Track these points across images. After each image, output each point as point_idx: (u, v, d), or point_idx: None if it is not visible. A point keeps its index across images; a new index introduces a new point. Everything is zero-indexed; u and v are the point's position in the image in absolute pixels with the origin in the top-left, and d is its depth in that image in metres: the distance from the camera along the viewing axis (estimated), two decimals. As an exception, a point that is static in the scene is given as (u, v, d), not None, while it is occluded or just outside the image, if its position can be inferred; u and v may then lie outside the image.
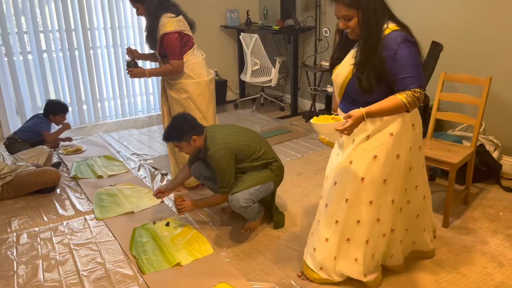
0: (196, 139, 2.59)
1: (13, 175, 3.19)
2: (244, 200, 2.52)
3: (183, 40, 3.09)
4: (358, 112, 1.80)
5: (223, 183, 2.59)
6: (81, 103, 5.01)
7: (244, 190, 2.54)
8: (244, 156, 2.62)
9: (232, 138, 2.61)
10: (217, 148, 2.55)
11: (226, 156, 2.54)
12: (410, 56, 1.84)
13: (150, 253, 2.52)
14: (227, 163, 2.55)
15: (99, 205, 3.11)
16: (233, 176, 2.61)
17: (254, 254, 2.51)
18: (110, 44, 5.04)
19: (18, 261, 2.50)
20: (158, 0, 3.01)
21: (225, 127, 2.75)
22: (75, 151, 4.15)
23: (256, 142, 2.69)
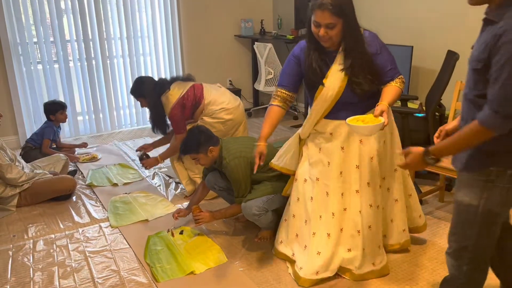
0: (213, 149, 2.60)
1: (30, 183, 3.24)
2: (256, 208, 2.51)
3: (189, 97, 3.24)
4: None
5: (239, 193, 2.59)
6: (97, 112, 5.08)
7: (257, 198, 2.54)
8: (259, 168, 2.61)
9: (247, 147, 2.61)
10: (232, 157, 2.56)
11: (242, 165, 2.55)
12: (387, 50, 2.11)
13: (164, 262, 2.52)
14: (243, 172, 2.55)
15: (114, 213, 3.13)
16: (249, 185, 2.61)
17: (267, 263, 2.50)
18: (126, 54, 5.11)
19: (34, 268, 2.53)
20: (155, 90, 3.25)
21: (240, 138, 2.78)
22: (90, 159, 4.20)
23: (271, 154, 2.68)
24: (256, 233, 2.79)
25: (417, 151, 1.59)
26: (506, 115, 1.36)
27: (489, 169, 1.50)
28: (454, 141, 1.50)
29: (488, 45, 1.39)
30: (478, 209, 1.54)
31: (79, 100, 4.98)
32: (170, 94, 3.24)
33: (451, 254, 1.69)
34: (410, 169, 1.70)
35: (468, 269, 1.65)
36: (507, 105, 1.35)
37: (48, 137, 4.05)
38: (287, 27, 5.55)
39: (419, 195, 3.14)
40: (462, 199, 1.59)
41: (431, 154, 1.55)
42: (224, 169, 2.60)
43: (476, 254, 1.62)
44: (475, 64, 1.47)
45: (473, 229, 1.58)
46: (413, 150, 1.60)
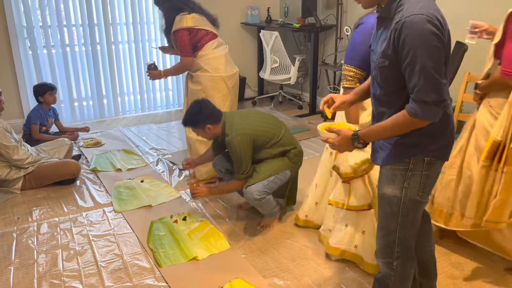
0: (211, 127, 2.59)
1: (35, 166, 3.25)
2: (257, 193, 2.53)
3: (196, 35, 3.19)
4: None
5: (239, 169, 2.58)
6: (101, 97, 5.08)
7: (258, 182, 2.55)
8: (263, 142, 2.61)
9: (250, 124, 2.61)
10: (235, 134, 2.55)
11: (244, 142, 2.54)
12: None
13: (167, 247, 2.54)
14: (245, 149, 2.54)
15: (118, 198, 3.15)
16: (250, 163, 2.60)
17: (270, 251, 2.51)
18: (132, 40, 5.09)
19: (38, 250, 2.55)
20: (172, 1, 3.19)
21: (244, 113, 2.76)
22: (94, 144, 4.21)
23: (276, 128, 2.67)
24: (258, 220, 2.79)
25: (346, 134, 1.61)
26: (435, 102, 1.40)
27: (409, 159, 1.56)
28: (383, 130, 1.54)
29: (391, 40, 1.44)
30: (401, 200, 1.60)
31: (83, 85, 4.97)
32: (185, 17, 3.17)
33: (381, 251, 1.71)
34: (338, 150, 1.71)
35: (399, 263, 1.67)
36: (433, 93, 1.39)
37: (35, 122, 3.94)
38: (293, 16, 5.51)
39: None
40: (385, 192, 1.64)
41: (359, 138, 1.58)
42: (227, 145, 2.60)
43: (404, 246, 1.66)
44: (382, 61, 1.50)
45: (397, 221, 1.63)
46: (342, 132, 1.62)
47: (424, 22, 1.37)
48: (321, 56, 5.23)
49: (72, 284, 2.24)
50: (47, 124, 4.13)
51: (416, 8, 1.40)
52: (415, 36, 1.37)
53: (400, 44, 1.41)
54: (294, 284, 2.22)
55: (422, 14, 1.38)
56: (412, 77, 1.41)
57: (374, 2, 1.54)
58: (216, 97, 3.22)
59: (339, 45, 5.03)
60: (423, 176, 1.57)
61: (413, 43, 1.37)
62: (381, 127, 1.54)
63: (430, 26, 1.37)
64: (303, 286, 2.20)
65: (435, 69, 1.39)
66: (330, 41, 5.18)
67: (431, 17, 1.38)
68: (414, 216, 1.64)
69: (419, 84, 1.39)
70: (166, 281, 2.25)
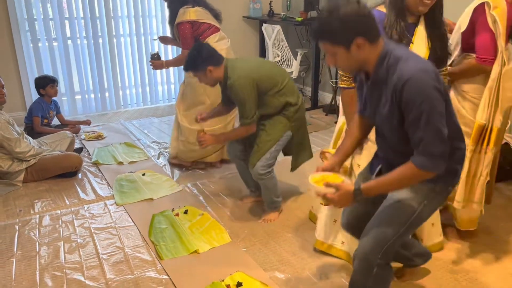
0: (212, 70, 2.51)
1: (37, 159, 3.26)
2: (261, 168, 2.55)
3: (199, 29, 3.21)
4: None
5: (243, 113, 2.52)
6: (103, 90, 5.08)
7: (261, 158, 2.56)
8: (266, 88, 2.55)
9: (253, 68, 2.55)
10: (237, 76, 2.48)
11: (247, 85, 2.48)
12: None
13: (169, 240, 2.55)
14: (249, 92, 2.48)
15: (119, 191, 3.15)
16: (255, 107, 2.53)
17: (271, 244, 2.52)
18: (133, 33, 5.08)
19: (40, 242, 2.56)
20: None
21: (247, 58, 2.71)
22: (96, 137, 4.22)
23: (279, 75, 2.62)
24: (260, 214, 2.80)
25: (348, 189, 1.56)
26: (441, 154, 1.46)
27: (434, 185, 1.62)
28: (388, 183, 1.55)
29: (394, 101, 1.48)
30: (415, 213, 1.62)
31: (85, 78, 4.97)
32: (188, 10, 3.19)
33: (365, 254, 1.64)
34: (335, 206, 1.67)
35: (377, 271, 1.64)
36: (440, 145, 1.45)
37: (36, 114, 3.94)
38: (296, 9, 5.48)
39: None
40: (403, 199, 1.63)
41: (362, 193, 1.56)
42: (230, 90, 2.52)
43: (389, 252, 1.65)
44: (390, 121, 1.54)
45: (399, 230, 1.62)
46: (343, 187, 1.57)
47: (425, 78, 1.43)
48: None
49: (74, 276, 2.26)
50: (49, 117, 4.13)
51: (410, 65, 1.44)
52: (419, 93, 1.42)
53: (404, 102, 1.45)
54: (295, 278, 2.23)
55: (420, 71, 1.43)
56: (418, 132, 1.45)
57: (356, 69, 1.58)
58: (214, 91, 3.22)
59: (341, 39, 5.01)
60: (443, 198, 1.69)
61: (417, 100, 1.42)
62: (387, 182, 1.55)
63: (430, 81, 1.43)
64: (304, 280, 2.21)
65: (440, 122, 1.45)
66: (332, 35, 5.16)
67: (429, 71, 1.45)
68: (413, 231, 1.70)
69: (425, 138, 1.44)
70: (167, 274, 2.26)
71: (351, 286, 1.73)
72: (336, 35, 1.47)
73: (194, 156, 3.49)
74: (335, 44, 1.48)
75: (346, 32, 1.45)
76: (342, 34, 1.45)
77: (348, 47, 1.47)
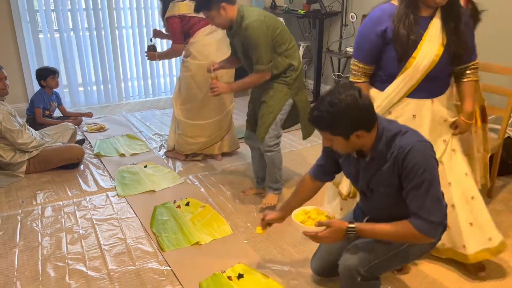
0: (226, 7, 2.43)
1: (39, 150, 3.27)
2: (269, 140, 2.60)
3: (189, 22, 3.22)
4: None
5: (259, 59, 2.47)
6: (106, 82, 5.07)
7: (268, 130, 2.60)
8: (277, 42, 2.52)
9: (269, 16, 2.53)
10: (254, 18, 2.43)
11: (264, 29, 2.43)
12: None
13: (170, 232, 2.56)
14: (264, 35, 2.43)
15: (121, 183, 3.16)
16: (270, 53, 2.49)
17: (272, 236, 2.52)
18: (136, 25, 5.06)
19: (42, 233, 2.57)
20: None
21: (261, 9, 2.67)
22: (98, 129, 4.22)
23: (289, 34, 2.62)
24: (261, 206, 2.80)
25: (340, 226, 1.60)
26: (440, 222, 1.54)
27: None
28: (382, 233, 1.60)
29: (394, 170, 1.56)
30: (404, 244, 1.68)
31: (87, 70, 4.96)
32: (178, 5, 3.19)
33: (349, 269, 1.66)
34: (325, 242, 1.71)
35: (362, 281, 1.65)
36: (440, 213, 1.53)
37: (38, 105, 3.93)
38: (299, 2, 5.44)
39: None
40: None
41: (355, 231, 1.60)
42: (244, 32, 2.44)
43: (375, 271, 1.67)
44: (388, 190, 1.62)
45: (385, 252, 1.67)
46: (334, 224, 1.61)
47: (426, 148, 1.53)
48: (326, 43, 5.19)
49: (76, 267, 2.27)
50: (50, 108, 4.13)
51: (409, 137, 1.54)
52: (421, 162, 1.49)
53: (406, 171, 1.52)
54: (296, 270, 2.23)
55: (419, 142, 1.53)
56: (418, 199, 1.52)
57: (351, 151, 1.63)
58: (206, 85, 3.23)
59: (344, 32, 4.99)
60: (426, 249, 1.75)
61: (420, 169, 1.49)
62: (382, 231, 1.59)
63: (429, 151, 1.53)
64: (305, 272, 2.21)
65: (439, 190, 1.54)
66: (335, 28, 5.14)
67: (427, 142, 1.56)
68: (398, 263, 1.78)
69: (426, 206, 1.50)
70: (169, 265, 2.27)
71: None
72: (336, 128, 1.51)
73: (192, 149, 3.50)
74: (335, 135, 1.54)
75: (346, 126, 1.50)
76: (342, 128, 1.51)
77: (347, 138, 1.53)
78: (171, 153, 3.62)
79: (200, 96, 3.32)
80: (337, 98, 1.46)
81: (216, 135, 3.46)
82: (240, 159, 3.60)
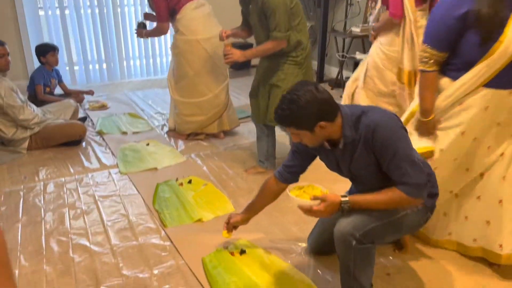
0: None
1: (41, 126, 3.26)
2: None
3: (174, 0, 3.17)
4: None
5: (276, 25, 2.43)
6: (108, 60, 5.04)
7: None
8: (292, 14, 2.52)
9: None
10: None
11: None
12: None
13: (172, 208, 2.56)
14: (283, 1, 2.43)
15: (123, 160, 3.16)
16: (288, 21, 2.47)
17: (274, 215, 2.52)
18: (138, 2, 5.00)
19: (45, 208, 2.58)
20: None
21: None
22: (100, 107, 4.20)
23: (301, 8, 2.62)
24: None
25: (335, 200, 1.65)
26: (424, 182, 1.61)
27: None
28: (375, 203, 1.65)
29: (368, 149, 1.63)
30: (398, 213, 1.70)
31: (89, 48, 4.92)
32: None
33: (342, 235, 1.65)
34: (320, 216, 1.73)
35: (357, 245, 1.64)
36: (421, 175, 1.60)
37: (39, 82, 3.89)
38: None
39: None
40: None
41: (349, 204, 1.65)
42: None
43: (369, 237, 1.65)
44: (369, 170, 1.69)
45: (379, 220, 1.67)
46: (329, 198, 1.65)
47: (391, 120, 1.61)
48: (331, 23, 5.12)
49: (79, 242, 2.28)
50: (51, 85, 4.10)
51: (372, 116, 1.61)
52: (389, 135, 1.58)
53: (378, 147, 1.60)
54: (297, 247, 2.24)
55: (382, 117, 1.61)
56: (397, 169, 1.59)
57: (320, 142, 1.69)
58: (195, 62, 3.22)
59: (349, 12, 4.92)
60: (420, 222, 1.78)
61: (390, 141, 1.58)
62: (374, 200, 1.65)
63: (396, 122, 1.62)
64: (306, 249, 2.22)
65: (414, 155, 1.61)
66: (340, 7, 5.06)
67: (391, 115, 1.63)
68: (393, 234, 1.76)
69: (407, 172, 1.58)
70: (171, 241, 2.28)
71: (339, 259, 1.74)
72: (299, 123, 1.60)
73: (191, 128, 3.48)
74: (300, 129, 1.61)
75: (309, 120, 1.58)
76: (305, 121, 1.59)
77: (312, 130, 1.60)
78: (172, 133, 3.61)
79: (191, 73, 3.28)
80: (296, 95, 1.57)
81: (213, 112, 3.43)
82: (242, 138, 3.59)
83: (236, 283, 1.95)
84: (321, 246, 2.10)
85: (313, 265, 2.10)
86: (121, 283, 1.99)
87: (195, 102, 3.36)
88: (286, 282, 1.97)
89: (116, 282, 1.99)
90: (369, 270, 1.70)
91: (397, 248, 2.19)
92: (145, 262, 2.12)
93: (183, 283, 1.98)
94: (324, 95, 1.59)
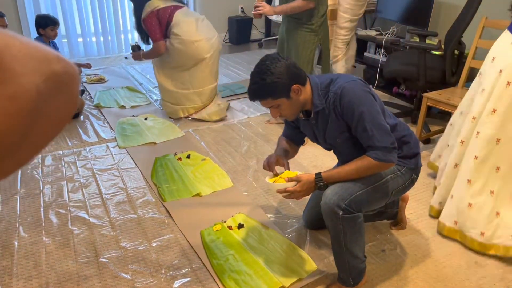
0: None
1: (38, 99, 3.23)
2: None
3: (165, 12, 3.15)
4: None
5: None
6: (106, 33, 4.96)
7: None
8: None
9: None
10: None
11: None
12: None
13: (171, 183, 2.56)
14: None
15: (122, 134, 3.14)
16: None
17: (271, 190, 2.53)
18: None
19: (43, 181, 2.58)
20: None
21: None
22: (98, 80, 4.16)
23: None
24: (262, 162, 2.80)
25: (309, 178, 1.69)
26: (393, 144, 1.62)
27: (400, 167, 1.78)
28: (346, 173, 1.67)
29: (338, 116, 1.67)
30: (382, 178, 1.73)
31: (86, 20, 4.83)
32: (151, 2, 3.16)
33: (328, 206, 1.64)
34: (298, 197, 1.72)
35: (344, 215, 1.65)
36: (389, 137, 1.62)
37: None
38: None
39: (428, 133, 3.12)
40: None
41: (323, 180, 1.69)
42: None
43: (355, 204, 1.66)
44: (343, 137, 1.72)
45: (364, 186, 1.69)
46: (303, 178, 1.69)
47: (356, 85, 1.64)
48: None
49: (78, 214, 2.29)
50: None
51: (339, 82, 1.66)
52: (354, 99, 1.61)
53: (344, 112, 1.63)
54: (294, 221, 2.26)
55: (348, 83, 1.64)
56: (366, 132, 1.61)
57: (298, 111, 1.74)
58: (189, 64, 3.22)
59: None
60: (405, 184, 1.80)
61: (354, 105, 1.61)
62: (346, 171, 1.67)
63: (360, 86, 1.65)
64: (303, 223, 2.24)
65: (381, 118, 1.63)
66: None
67: (357, 80, 1.67)
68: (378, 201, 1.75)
69: (374, 135, 1.60)
70: (169, 214, 2.29)
71: (329, 232, 1.75)
72: (275, 91, 1.63)
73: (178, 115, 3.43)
74: (277, 98, 1.64)
75: (283, 85, 1.62)
76: (280, 88, 1.62)
77: (288, 96, 1.65)
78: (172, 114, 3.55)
79: (186, 77, 3.31)
80: (264, 65, 1.63)
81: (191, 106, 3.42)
82: (240, 113, 3.57)
83: (233, 256, 1.97)
84: (314, 220, 2.13)
85: (309, 240, 2.12)
86: (119, 255, 2.00)
87: (174, 91, 3.36)
88: (284, 256, 1.99)
89: (115, 254, 2.01)
90: (360, 240, 1.71)
91: (394, 225, 2.21)
92: (143, 235, 2.14)
93: (181, 256, 2.00)
94: (290, 60, 1.66)
